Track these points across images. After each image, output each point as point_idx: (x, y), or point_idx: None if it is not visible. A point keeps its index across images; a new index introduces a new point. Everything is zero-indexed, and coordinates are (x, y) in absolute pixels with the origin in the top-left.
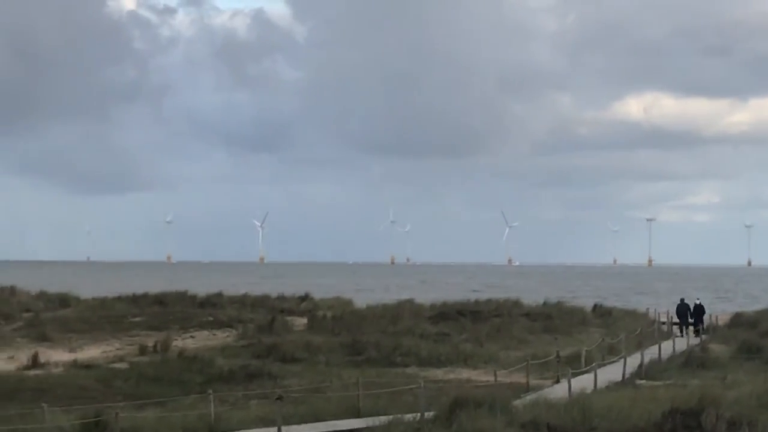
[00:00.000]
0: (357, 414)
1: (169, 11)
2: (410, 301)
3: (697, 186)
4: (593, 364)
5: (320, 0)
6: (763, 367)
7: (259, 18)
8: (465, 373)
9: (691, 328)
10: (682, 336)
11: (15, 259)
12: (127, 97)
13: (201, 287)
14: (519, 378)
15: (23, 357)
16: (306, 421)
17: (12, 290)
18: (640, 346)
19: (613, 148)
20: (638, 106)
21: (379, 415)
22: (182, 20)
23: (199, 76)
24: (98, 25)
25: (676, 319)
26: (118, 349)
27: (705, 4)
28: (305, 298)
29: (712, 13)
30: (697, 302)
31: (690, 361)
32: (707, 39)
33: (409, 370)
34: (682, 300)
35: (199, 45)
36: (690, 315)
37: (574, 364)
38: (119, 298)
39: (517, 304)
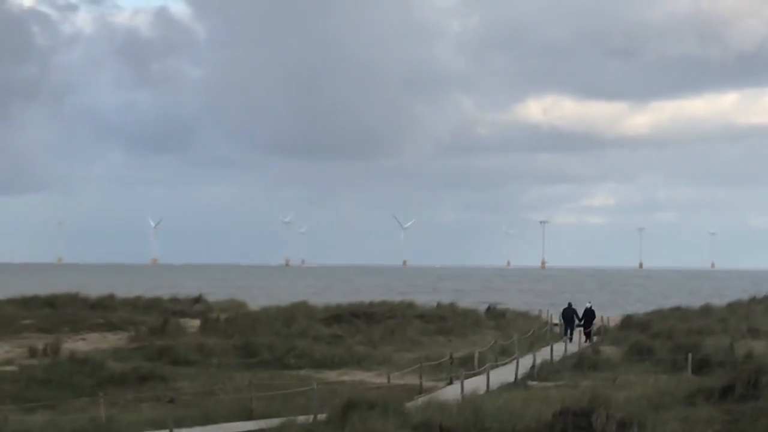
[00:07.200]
0: (249, 416)
1: (71, 8)
2: (304, 303)
3: (594, 189)
4: (486, 366)
5: None
6: (653, 369)
7: (161, 16)
8: (358, 375)
9: (580, 330)
10: (570, 340)
11: None
12: (26, 95)
13: (93, 289)
14: (412, 380)
15: None
16: (198, 424)
17: None
18: (532, 347)
19: (512, 150)
20: (538, 109)
21: (271, 417)
22: (84, 18)
23: (101, 74)
24: None
25: (556, 321)
26: (7, 351)
27: (610, 6)
28: (198, 300)
29: (616, 16)
30: (588, 306)
31: (581, 363)
32: (611, 41)
33: (303, 372)
34: (569, 304)
35: (100, 43)
36: (578, 318)
37: (467, 366)
38: (8, 301)
39: (410, 305)
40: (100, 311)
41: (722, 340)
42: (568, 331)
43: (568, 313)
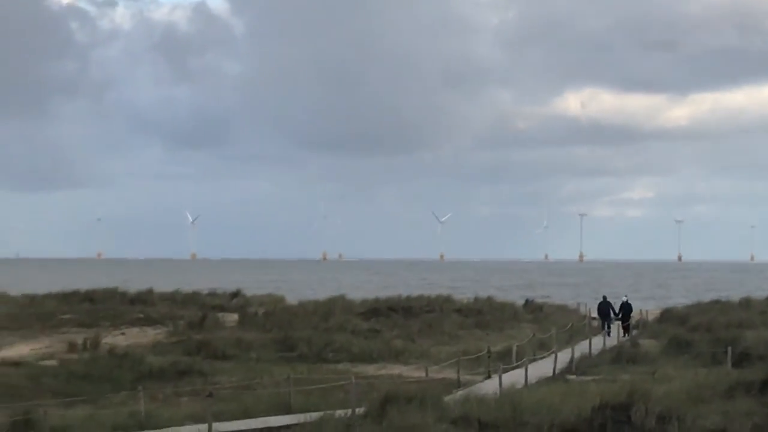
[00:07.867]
0: (288, 410)
1: (110, 4)
2: (342, 298)
3: (633, 181)
4: (524, 360)
5: None
6: (692, 362)
7: (199, 11)
8: (396, 369)
9: (617, 323)
10: (609, 335)
11: None
12: (65, 91)
13: (132, 284)
14: (450, 374)
15: None
16: (236, 418)
17: None
18: (570, 341)
19: (550, 144)
20: (577, 102)
21: (310, 411)
22: (122, 13)
23: (139, 70)
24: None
25: (594, 315)
26: (47, 346)
27: None
28: (236, 294)
29: (655, 7)
30: (625, 299)
31: (620, 357)
32: (650, 33)
33: (341, 366)
34: (604, 297)
35: (139, 39)
36: (614, 312)
37: (505, 360)
38: (49, 296)
39: (448, 300)
40: (139, 306)
41: (763, 333)
42: (606, 325)
43: (604, 307)
